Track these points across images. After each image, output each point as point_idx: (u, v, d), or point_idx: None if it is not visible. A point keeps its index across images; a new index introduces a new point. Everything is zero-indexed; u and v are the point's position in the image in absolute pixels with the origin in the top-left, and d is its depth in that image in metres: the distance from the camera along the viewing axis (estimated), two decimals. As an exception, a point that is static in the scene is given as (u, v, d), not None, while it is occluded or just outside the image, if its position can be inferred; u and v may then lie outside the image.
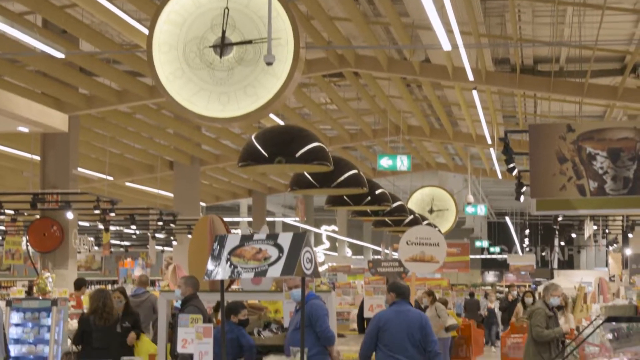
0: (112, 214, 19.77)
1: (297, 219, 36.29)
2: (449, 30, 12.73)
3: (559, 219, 27.18)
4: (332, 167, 10.92)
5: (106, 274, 32.76)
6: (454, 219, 27.51)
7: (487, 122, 23.39)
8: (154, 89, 19.15)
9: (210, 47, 9.27)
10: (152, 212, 24.17)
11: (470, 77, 17.40)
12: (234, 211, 48.96)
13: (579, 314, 14.13)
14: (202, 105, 9.38)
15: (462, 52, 15.12)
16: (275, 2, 9.00)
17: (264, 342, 10.74)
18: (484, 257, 59.92)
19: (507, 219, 54.97)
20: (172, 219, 23.23)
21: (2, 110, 13.16)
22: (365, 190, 13.16)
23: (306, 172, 12.27)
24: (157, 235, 24.80)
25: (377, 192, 15.43)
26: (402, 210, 18.69)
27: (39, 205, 18.25)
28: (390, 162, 23.07)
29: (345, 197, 14.72)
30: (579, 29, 16.83)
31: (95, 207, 18.88)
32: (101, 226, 21.95)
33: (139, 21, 14.59)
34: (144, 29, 13.96)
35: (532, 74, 20.52)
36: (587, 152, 8.94)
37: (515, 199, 15.70)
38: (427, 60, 19.80)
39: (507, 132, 11.73)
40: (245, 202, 44.73)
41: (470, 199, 31.48)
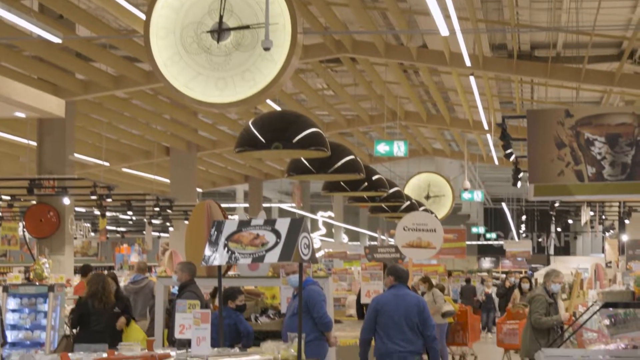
0: (109, 200, 19.73)
1: (293, 205, 36.28)
2: (446, 15, 12.70)
3: (556, 205, 27.15)
4: (329, 153, 10.91)
5: (102, 260, 32.69)
6: (450, 205, 27.51)
7: (484, 108, 23.36)
8: (151, 75, 19.09)
9: (207, 32, 9.24)
10: (149, 197, 24.13)
11: (467, 62, 17.37)
12: (230, 197, 48.90)
13: (576, 299, 14.12)
14: (200, 90, 9.36)
15: (460, 38, 15.08)
16: (272, -13, 8.97)
17: (261, 328, 10.75)
18: (480, 243, 59.99)
19: (504, 205, 54.99)
20: (168, 205, 23.19)
21: (-2, 95, 13.12)
22: (362, 176, 13.16)
23: (303, 158, 12.26)
24: (153, 221, 24.75)
25: (373, 178, 15.45)
26: (399, 196, 18.71)
27: (35, 191, 18.20)
28: (387, 148, 23.06)
29: (342, 183, 14.73)
30: (576, 14, 16.81)
31: (91, 193, 18.83)
32: (97, 212, 21.94)
33: (136, 6, 14.53)
34: (141, 14, 13.91)
35: (529, 60, 20.50)
36: (586, 137, 8.92)
37: (512, 184, 15.67)
38: (424, 45, 19.76)
39: (504, 118, 11.66)
40: (241, 188, 44.66)
41: (466, 185, 31.50)
